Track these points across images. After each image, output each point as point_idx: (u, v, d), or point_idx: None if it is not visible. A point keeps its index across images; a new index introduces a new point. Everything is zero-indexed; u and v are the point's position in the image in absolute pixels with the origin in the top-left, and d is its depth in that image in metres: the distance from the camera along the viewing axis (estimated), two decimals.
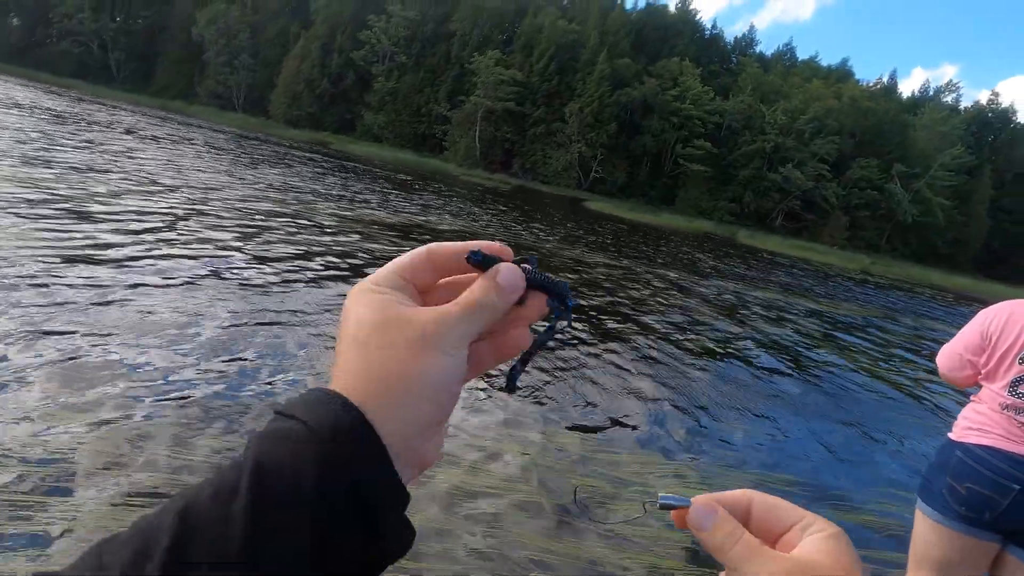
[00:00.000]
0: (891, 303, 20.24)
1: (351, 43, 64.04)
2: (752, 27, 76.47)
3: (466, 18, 62.28)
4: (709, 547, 0.42)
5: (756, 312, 11.28)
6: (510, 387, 0.46)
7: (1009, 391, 1.96)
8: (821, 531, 0.41)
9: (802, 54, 74.68)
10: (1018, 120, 70.11)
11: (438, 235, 12.29)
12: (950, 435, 2.15)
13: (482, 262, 0.43)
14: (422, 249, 0.44)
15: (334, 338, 4.49)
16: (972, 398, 2.16)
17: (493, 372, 4.63)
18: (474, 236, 13.19)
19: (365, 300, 0.40)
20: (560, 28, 59.05)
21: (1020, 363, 1.95)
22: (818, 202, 56.58)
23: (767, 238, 45.83)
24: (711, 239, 37.31)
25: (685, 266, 17.42)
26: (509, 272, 0.42)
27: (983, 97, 72.05)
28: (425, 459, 0.40)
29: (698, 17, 70.24)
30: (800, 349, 8.63)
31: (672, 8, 69.90)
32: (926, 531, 2.13)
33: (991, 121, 69.23)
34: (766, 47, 75.06)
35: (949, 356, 2.22)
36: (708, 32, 71.12)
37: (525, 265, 0.45)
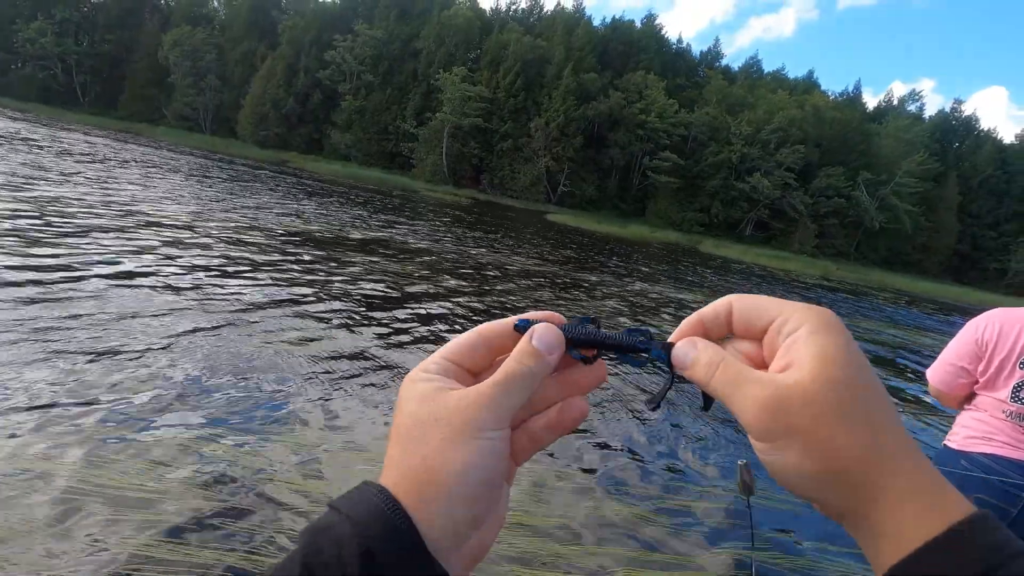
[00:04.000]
0: (829, 304, 19.99)
1: (317, 63, 64.01)
2: (717, 40, 77.43)
3: (432, 36, 62.52)
4: (696, 382, 0.40)
5: (663, 312, 10.89)
6: (654, 404, 0.45)
7: (1012, 397, 1.93)
8: (797, 329, 0.37)
9: (778, 69, 75.36)
10: (981, 127, 71.44)
11: (400, 252, 11.82)
12: (949, 444, 2.10)
13: (526, 328, 0.42)
14: (472, 331, 0.44)
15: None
16: (968, 406, 2.13)
17: None
18: (439, 255, 12.76)
19: (414, 392, 0.40)
20: (526, 44, 59.38)
21: (1022, 368, 1.93)
22: (786, 211, 56.90)
23: (732, 246, 45.75)
24: (675, 248, 37.12)
25: (637, 273, 17.06)
26: (544, 332, 0.41)
27: (967, 109, 72.90)
28: (482, 545, 0.40)
29: (664, 32, 71.03)
30: None
31: (638, 24, 70.61)
32: None
33: (955, 128, 70.38)
34: (746, 65, 75.81)
35: (942, 370, 2.18)
36: (674, 47, 71.89)
37: (569, 324, 0.43)
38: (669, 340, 0.43)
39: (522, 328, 0.42)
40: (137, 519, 2.53)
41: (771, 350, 0.39)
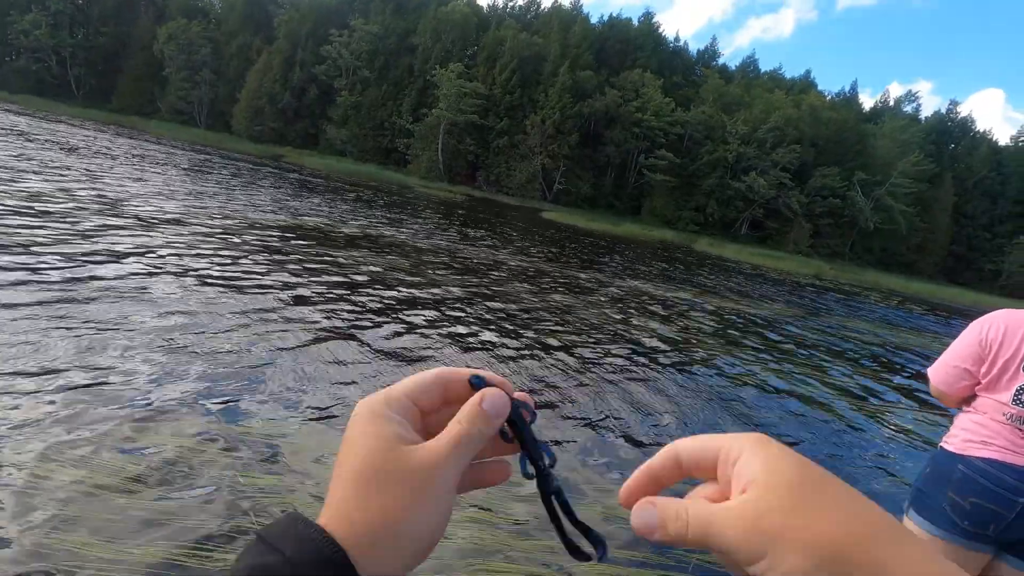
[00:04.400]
0: (820, 303, 19.97)
1: (313, 58, 63.70)
2: (714, 39, 77.40)
3: (428, 32, 62.26)
4: (670, 543, 0.39)
5: (651, 309, 10.82)
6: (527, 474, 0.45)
7: (1014, 401, 1.92)
8: (740, 454, 0.38)
9: (775, 69, 75.25)
10: (977, 129, 71.54)
11: (397, 249, 11.72)
12: (947, 447, 2.08)
13: (480, 387, 0.44)
14: (432, 373, 0.46)
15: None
16: (967, 408, 2.11)
17: None
18: (435, 252, 12.64)
19: (372, 431, 0.41)
20: (522, 41, 59.19)
21: None
22: (782, 210, 56.87)
23: (726, 245, 45.70)
24: (669, 247, 37.09)
25: (630, 272, 17.01)
26: (494, 398, 0.44)
27: (963, 111, 72.98)
28: None
29: (661, 31, 70.89)
30: (677, 343, 8.15)
31: (635, 22, 70.45)
32: None
33: (951, 130, 70.47)
34: (743, 64, 75.77)
35: (944, 371, 2.16)
36: (672, 45, 71.77)
37: (516, 401, 0.45)
38: (619, 499, 0.42)
39: (476, 385, 0.44)
40: (144, 525, 2.45)
41: (725, 481, 0.40)
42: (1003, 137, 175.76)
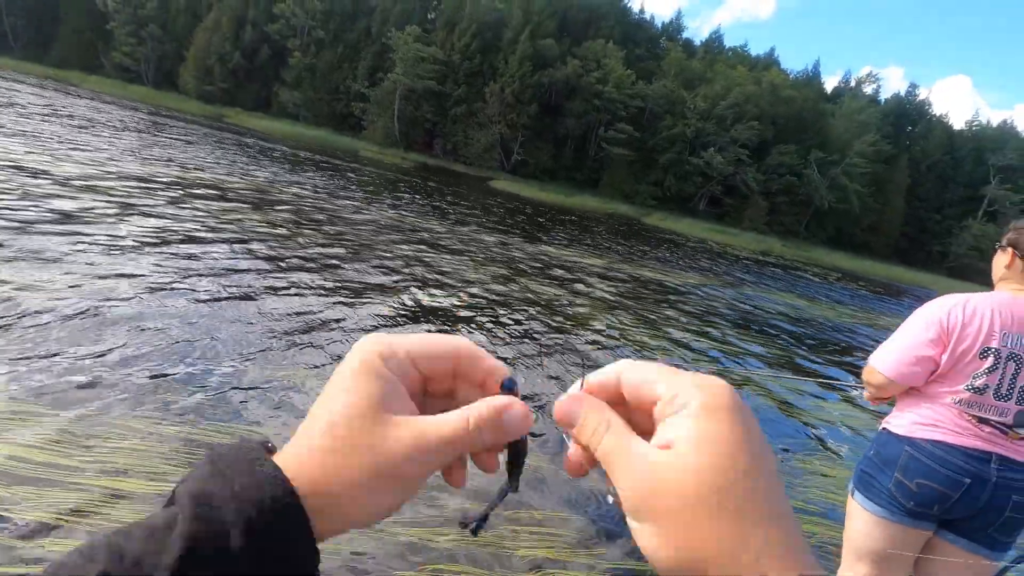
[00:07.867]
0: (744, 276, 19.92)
1: (266, 16, 61.16)
2: (679, 13, 76.56)
3: None
4: (581, 442, 0.38)
5: (551, 273, 10.41)
6: (475, 530, 0.41)
7: (966, 386, 1.92)
8: (685, 406, 0.34)
9: (740, 46, 74.53)
10: (933, 112, 72.41)
11: (294, 204, 10.96)
12: (893, 430, 2.08)
13: (510, 390, 0.40)
14: (447, 342, 0.41)
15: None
16: (913, 391, 2.07)
17: None
18: (350, 221, 11.94)
19: (359, 386, 0.37)
20: (483, 6, 57.63)
21: (981, 358, 1.90)
22: (739, 187, 56.95)
23: (678, 220, 45.72)
24: (618, 220, 36.88)
25: (557, 240, 16.72)
26: (519, 415, 0.39)
27: (922, 94, 73.68)
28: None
29: (627, 1, 69.74)
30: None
31: None
32: (869, 526, 2.08)
33: (908, 112, 71.16)
34: (708, 40, 74.99)
35: (902, 362, 2.03)
36: (636, 17, 70.76)
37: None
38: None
39: (507, 388, 0.40)
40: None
41: (657, 418, 0.36)
42: (961, 123, 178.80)
